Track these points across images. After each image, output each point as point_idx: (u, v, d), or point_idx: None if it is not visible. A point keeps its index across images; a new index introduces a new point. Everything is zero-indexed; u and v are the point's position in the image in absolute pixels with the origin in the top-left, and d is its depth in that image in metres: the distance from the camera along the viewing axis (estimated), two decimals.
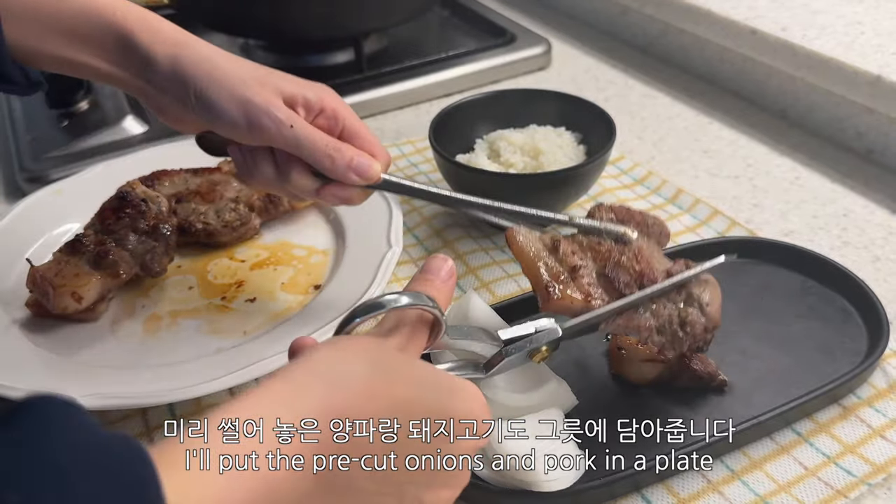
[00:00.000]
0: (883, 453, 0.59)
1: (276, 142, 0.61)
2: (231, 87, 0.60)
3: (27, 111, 1.06)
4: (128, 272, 0.73)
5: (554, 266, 0.58)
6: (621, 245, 0.60)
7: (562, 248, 0.59)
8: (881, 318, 0.66)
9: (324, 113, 0.63)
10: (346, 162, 0.61)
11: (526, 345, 0.54)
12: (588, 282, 0.57)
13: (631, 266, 0.58)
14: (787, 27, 1.00)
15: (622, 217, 0.62)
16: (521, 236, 0.59)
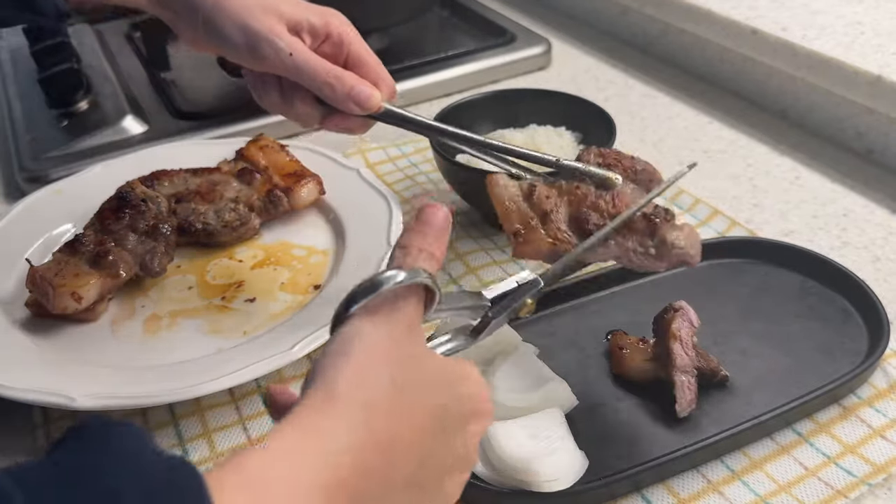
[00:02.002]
0: (883, 453, 0.59)
1: (278, 69, 0.62)
2: (235, 14, 0.61)
3: (27, 111, 1.06)
4: (128, 272, 0.73)
5: (526, 211, 0.58)
6: (603, 190, 0.59)
7: (536, 193, 0.59)
8: (881, 318, 0.66)
9: (329, 39, 0.64)
10: (346, 90, 0.62)
11: (510, 303, 0.53)
12: (557, 226, 0.57)
13: (606, 208, 0.58)
14: (787, 27, 1.00)
15: (610, 161, 0.61)
16: (500, 182, 0.60)
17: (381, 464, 0.38)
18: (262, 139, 0.90)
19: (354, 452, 0.37)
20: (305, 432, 0.37)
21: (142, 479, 0.31)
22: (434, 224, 0.48)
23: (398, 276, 0.44)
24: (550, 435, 0.57)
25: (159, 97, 1.09)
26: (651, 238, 0.56)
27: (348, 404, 0.38)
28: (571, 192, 0.59)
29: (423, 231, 0.48)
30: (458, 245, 0.83)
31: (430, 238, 0.47)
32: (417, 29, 1.24)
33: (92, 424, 0.32)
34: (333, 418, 0.37)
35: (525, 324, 0.70)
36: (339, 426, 0.37)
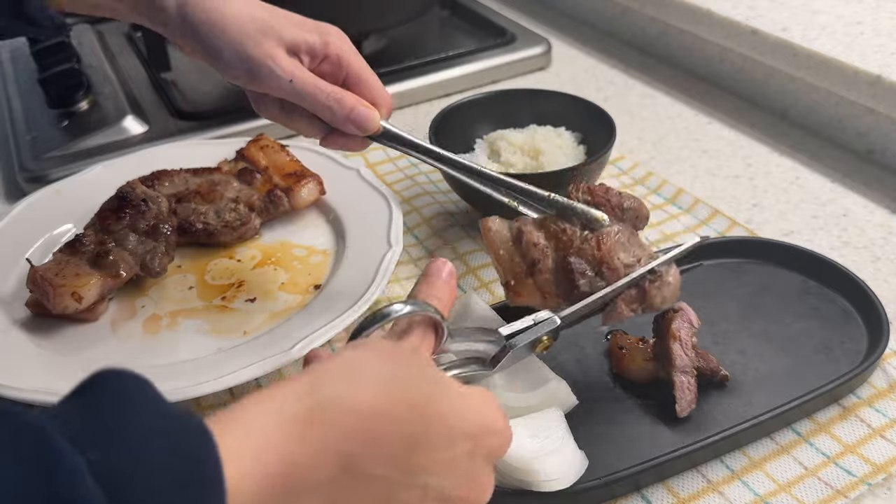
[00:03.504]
0: (883, 453, 0.59)
1: (277, 93, 0.63)
2: (232, 40, 0.62)
3: (27, 111, 1.06)
4: (128, 272, 0.73)
5: (517, 259, 0.60)
6: (588, 231, 0.60)
7: (524, 239, 0.60)
8: (881, 318, 0.66)
9: (328, 59, 0.65)
10: (346, 113, 0.63)
11: (527, 337, 0.56)
12: (544, 276, 0.59)
13: (592, 252, 0.59)
14: (787, 27, 1.00)
15: (598, 198, 0.61)
16: (493, 228, 0.61)
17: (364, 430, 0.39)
18: (262, 139, 0.90)
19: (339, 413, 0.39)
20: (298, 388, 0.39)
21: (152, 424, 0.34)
22: (441, 276, 0.52)
23: (405, 308, 0.46)
24: (550, 435, 0.57)
25: (160, 97, 1.09)
26: (640, 302, 0.59)
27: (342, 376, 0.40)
28: (558, 235, 0.60)
29: (431, 282, 0.52)
30: (459, 245, 0.83)
31: (436, 287, 0.51)
32: (417, 29, 1.24)
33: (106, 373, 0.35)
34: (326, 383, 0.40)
35: None
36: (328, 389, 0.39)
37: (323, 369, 0.41)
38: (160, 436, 0.33)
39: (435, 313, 0.48)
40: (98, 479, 0.30)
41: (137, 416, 0.34)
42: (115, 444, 0.32)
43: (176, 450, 0.33)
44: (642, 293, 0.59)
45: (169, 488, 0.32)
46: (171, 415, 0.35)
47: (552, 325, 0.56)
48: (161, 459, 0.32)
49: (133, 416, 0.34)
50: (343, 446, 0.39)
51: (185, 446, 0.34)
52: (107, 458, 0.31)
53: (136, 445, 0.32)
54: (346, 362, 0.42)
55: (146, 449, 0.32)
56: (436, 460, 0.42)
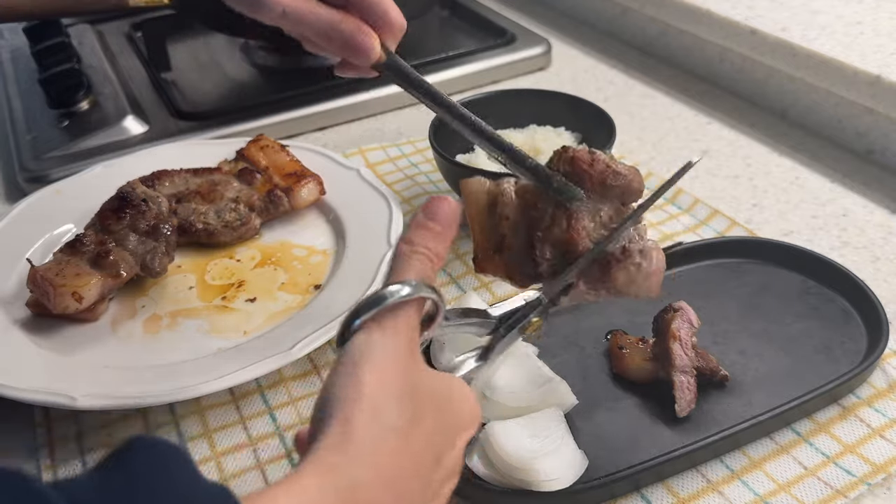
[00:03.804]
0: (882, 453, 0.59)
1: (276, 23, 0.60)
2: None
3: (28, 111, 1.06)
4: (128, 272, 0.73)
5: (488, 229, 0.56)
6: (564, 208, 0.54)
7: (498, 210, 0.55)
8: (881, 318, 0.66)
9: None
10: (344, 41, 0.60)
11: (517, 321, 0.55)
12: (511, 254, 0.55)
13: (560, 235, 0.53)
14: (787, 27, 1.00)
15: (579, 169, 0.54)
16: (472, 188, 0.56)
17: (387, 496, 0.40)
18: (262, 139, 0.90)
19: (362, 489, 0.39)
20: (325, 470, 0.39)
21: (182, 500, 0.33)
22: (440, 217, 0.47)
23: (402, 290, 0.44)
24: (550, 434, 0.57)
25: (160, 97, 1.09)
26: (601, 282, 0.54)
27: (361, 443, 0.40)
28: (531, 211, 0.55)
29: (428, 226, 0.47)
30: (459, 245, 0.83)
31: (435, 233, 0.47)
32: (417, 29, 1.23)
33: (139, 443, 0.34)
34: (347, 456, 0.39)
35: None
36: (352, 465, 0.39)
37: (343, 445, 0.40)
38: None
39: (432, 293, 0.46)
40: None
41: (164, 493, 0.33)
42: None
43: None
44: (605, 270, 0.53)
45: None
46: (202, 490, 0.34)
47: (540, 303, 0.55)
48: None
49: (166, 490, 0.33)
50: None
51: None
52: None
53: None
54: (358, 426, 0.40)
55: None
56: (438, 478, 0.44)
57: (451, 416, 0.45)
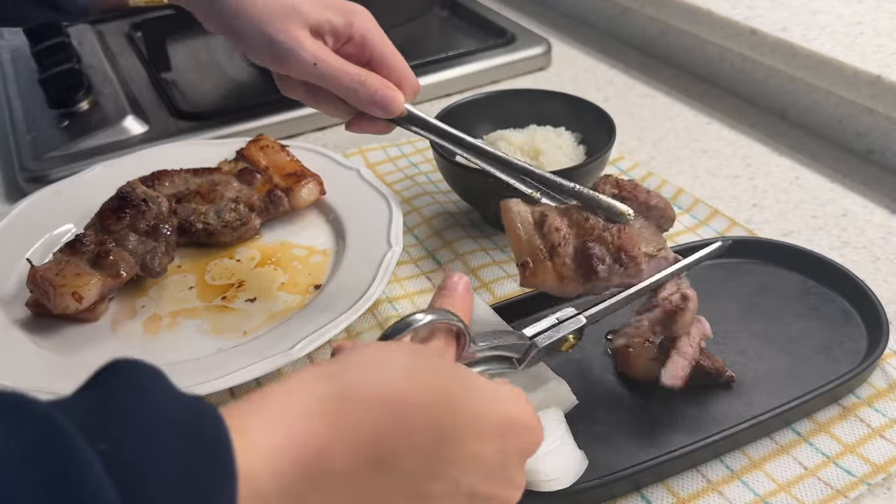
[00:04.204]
0: (882, 453, 0.59)
1: (302, 76, 0.63)
2: (257, 24, 0.61)
3: (28, 111, 1.06)
4: (128, 272, 0.73)
5: (537, 242, 0.59)
6: (611, 222, 0.60)
7: (547, 223, 0.59)
8: (881, 318, 0.66)
9: (352, 40, 0.65)
10: (370, 96, 0.63)
11: (553, 335, 0.56)
12: (563, 261, 0.58)
13: (612, 240, 0.59)
14: (787, 27, 1.00)
15: (625, 193, 0.62)
16: (514, 208, 0.61)
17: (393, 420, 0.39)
18: (262, 139, 0.90)
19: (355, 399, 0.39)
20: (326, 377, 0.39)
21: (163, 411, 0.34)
22: (457, 290, 0.51)
23: (427, 317, 0.46)
24: (550, 434, 0.57)
25: (160, 97, 1.09)
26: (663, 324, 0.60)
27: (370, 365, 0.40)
28: (581, 223, 0.60)
29: (448, 295, 0.51)
30: (458, 245, 0.83)
31: (454, 300, 0.50)
32: (417, 29, 1.24)
33: (118, 363, 0.36)
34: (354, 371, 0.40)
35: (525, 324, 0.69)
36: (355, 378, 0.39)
37: (347, 359, 0.41)
38: (169, 424, 0.33)
39: (457, 321, 0.48)
40: (108, 469, 0.30)
41: (147, 405, 0.34)
42: (125, 434, 0.32)
43: (185, 437, 0.33)
44: (670, 315, 0.59)
45: (178, 475, 0.32)
46: (181, 403, 0.35)
47: (578, 323, 0.57)
48: (170, 447, 0.32)
49: (143, 405, 0.34)
50: (373, 433, 0.38)
51: (195, 432, 0.34)
52: (117, 449, 0.31)
53: (146, 435, 0.32)
54: (371, 353, 0.42)
55: (155, 438, 0.32)
56: (465, 454, 0.42)
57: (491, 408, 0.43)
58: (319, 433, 0.37)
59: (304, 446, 0.37)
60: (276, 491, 0.36)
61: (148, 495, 0.31)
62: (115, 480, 0.30)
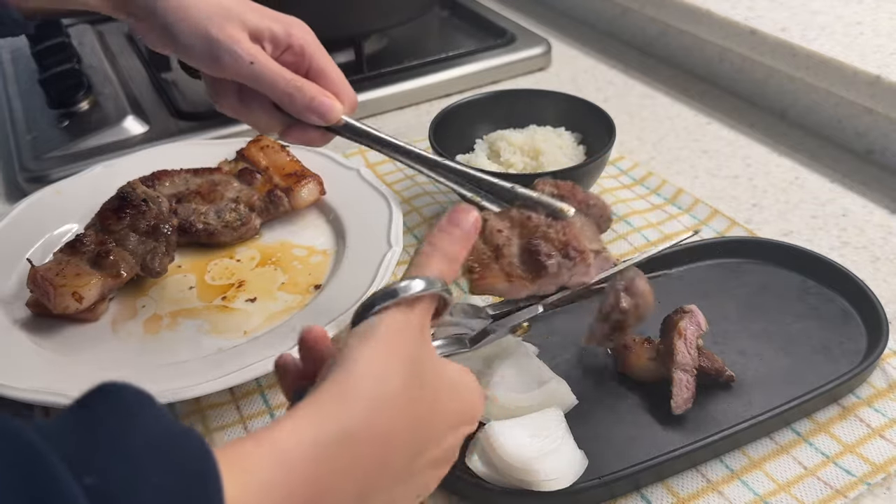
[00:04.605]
0: (882, 453, 0.59)
1: (238, 76, 0.62)
2: (195, 22, 0.60)
3: (28, 111, 1.06)
4: (128, 272, 0.73)
5: (480, 247, 0.58)
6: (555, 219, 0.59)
7: (487, 227, 0.59)
8: (880, 318, 0.66)
9: (291, 49, 0.63)
10: (307, 101, 0.61)
11: (509, 321, 0.57)
12: (510, 260, 0.58)
13: (557, 237, 0.58)
14: (787, 27, 1.00)
15: (564, 193, 0.61)
16: None
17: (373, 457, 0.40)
18: (262, 139, 0.90)
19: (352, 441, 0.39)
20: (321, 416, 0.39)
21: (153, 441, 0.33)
22: (463, 227, 0.49)
23: (417, 287, 0.45)
24: (550, 434, 0.57)
25: (160, 97, 1.09)
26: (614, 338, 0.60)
27: (360, 398, 0.40)
28: (523, 223, 0.59)
29: (452, 233, 0.49)
30: None
31: (456, 241, 0.49)
32: (417, 29, 1.24)
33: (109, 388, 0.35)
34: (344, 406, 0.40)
35: None
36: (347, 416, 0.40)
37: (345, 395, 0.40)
38: (157, 455, 0.33)
39: (445, 291, 0.47)
40: None
41: (136, 434, 0.33)
42: (111, 465, 0.31)
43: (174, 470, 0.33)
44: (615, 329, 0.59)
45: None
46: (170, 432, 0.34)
47: (535, 311, 0.58)
48: (157, 480, 0.32)
49: (131, 434, 0.33)
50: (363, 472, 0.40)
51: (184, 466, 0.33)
52: (102, 482, 0.31)
53: (132, 466, 0.32)
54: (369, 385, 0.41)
55: (142, 470, 0.32)
56: (433, 459, 0.45)
57: (457, 404, 0.46)
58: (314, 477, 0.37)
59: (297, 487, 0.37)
60: None
61: None
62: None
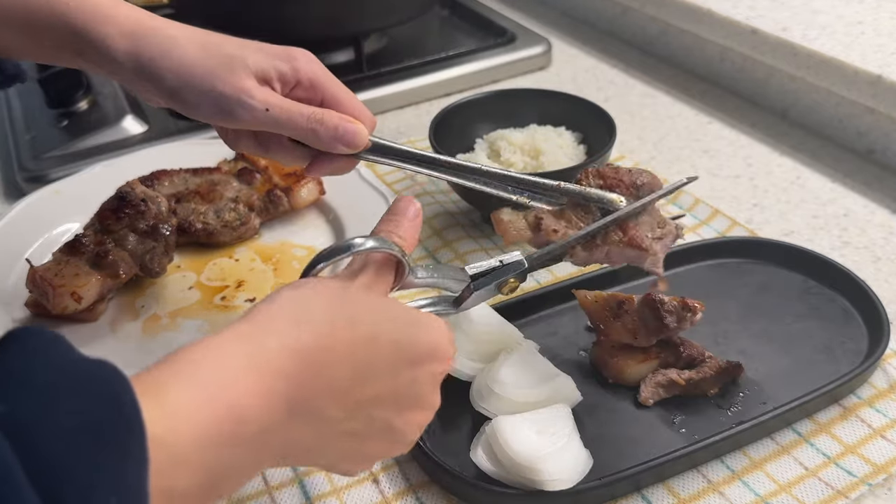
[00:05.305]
0: (883, 453, 0.59)
1: (256, 126, 0.59)
2: (199, 83, 0.57)
3: (27, 111, 1.06)
4: (127, 272, 0.73)
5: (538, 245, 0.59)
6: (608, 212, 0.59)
7: (543, 226, 0.59)
8: (882, 319, 0.66)
9: (300, 84, 0.61)
10: (332, 132, 0.59)
11: (492, 279, 0.55)
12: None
13: (620, 240, 0.58)
14: (788, 27, 1.00)
15: (610, 181, 0.61)
16: (505, 218, 0.60)
17: (309, 371, 0.40)
18: None
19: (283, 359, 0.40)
20: (240, 337, 0.40)
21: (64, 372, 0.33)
22: (406, 215, 0.52)
23: (367, 243, 0.46)
24: (557, 431, 0.57)
25: None
26: None
27: (283, 319, 0.41)
28: (580, 224, 0.59)
29: (395, 219, 0.51)
30: (458, 245, 0.83)
31: (401, 226, 0.51)
32: (417, 29, 1.23)
33: (18, 332, 0.35)
34: (268, 329, 0.40)
35: (526, 323, 0.70)
36: (271, 337, 0.40)
37: (265, 314, 0.41)
38: (69, 384, 0.33)
39: (396, 251, 0.48)
40: (3, 429, 0.30)
41: (47, 367, 0.33)
42: (20, 395, 0.31)
43: (86, 395, 0.33)
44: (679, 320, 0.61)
45: (77, 431, 0.31)
46: (83, 364, 0.34)
47: (520, 266, 0.56)
48: (69, 405, 0.32)
49: (42, 367, 0.33)
50: (290, 387, 0.40)
51: (97, 391, 0.33)
52: (14, 411, 0.31)
53: (43, 394, 0.32)
54: (287, 302, 0.42)
55: (53, 398, 0.32)
56: (379, 391, 0.44)
57: (408, 338, 0.45)
58: (237, 394, 0.37)
59: (222, 408, 0.37)
60: (197, 452, 0.36)
61: (45, 453, 0.30)
62: (11, 441, 0.30)
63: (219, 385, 0.37)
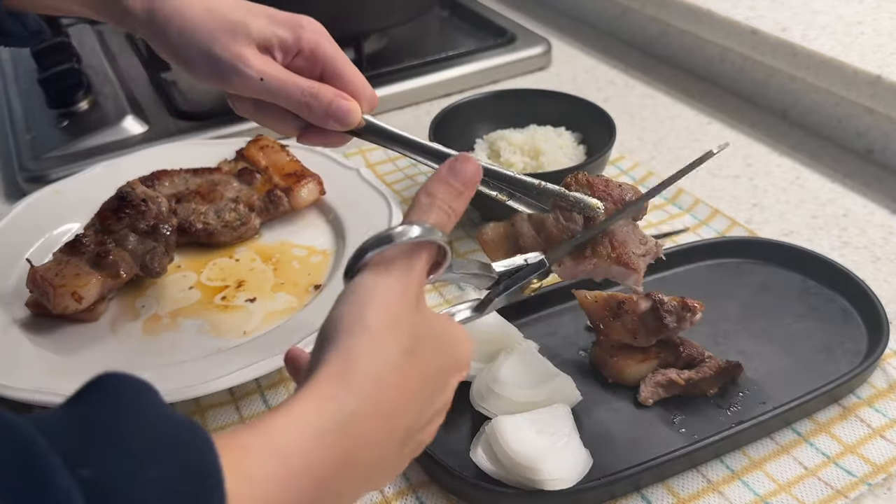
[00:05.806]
0: (883, 453, 0.59)
1: (251, 94, 0.60)
2: (199, 44, 0.59)
3: (27, 111, 1.06)
4: (128, 272, 0.73)
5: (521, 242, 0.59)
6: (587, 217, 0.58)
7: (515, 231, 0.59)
8: (881, 318, 0.66)
9: (301, 53, 0.61)
10: (324, 107, 0.59)
11: (516, 280, 0.55)
12: None
13: (607, 253, 0.57)
14: (788, 27, 1.00)
15: (599, 193, 0.58)
16: (488, 235, 0.60)
17: (380, 431, 0.41)
18: (262, 139, 0.90)
19: (359, 421, 0.39)
20: (324, 400, 0.39)
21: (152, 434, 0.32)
22: (463, 176, 0.47)
23: (413, 232, 0.44)
24: (557, 431, 0.57)
25: (159, 97, 1.09)
26: None
27: (361, 377, 0.40)
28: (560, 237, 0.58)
29: (451, 183, 0.47)
30: (458, 245, 0.83)
31: (455, 191, 0.47)
32: (417, 29, 1.24)
33: (108, 378, 0.34)
34: (346, 388, 0.40)
35: (526, 323, 0.70)
36: (350, 397, 0.40)
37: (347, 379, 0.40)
38: (157, 448, 0.32)
39: (442, 238, 0.45)
40: (89, 499, 0.29)
41: (135, 427, 0.32)
42: (108, 458, 0.31)
43: (174, 464, 0.32)
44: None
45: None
46: (170, 424, 0.33)
47: (542, 266, 0.56)
48: (157, 474, 0.31)
49: (131, 427, 0.32)
50: (369, 450, 0.40)
51: (184, 460, 0.32)
52: (98, 475, 0.30)
53: (130, 459, 0.31)
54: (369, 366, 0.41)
55: (141, 463, 0.31)
56: (430, 416, 0.45)
57: (447, 358, 0.46)
58: (318, 464, 0.37)
59: (301, 479, 0.37)
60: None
61: None
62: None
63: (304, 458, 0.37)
